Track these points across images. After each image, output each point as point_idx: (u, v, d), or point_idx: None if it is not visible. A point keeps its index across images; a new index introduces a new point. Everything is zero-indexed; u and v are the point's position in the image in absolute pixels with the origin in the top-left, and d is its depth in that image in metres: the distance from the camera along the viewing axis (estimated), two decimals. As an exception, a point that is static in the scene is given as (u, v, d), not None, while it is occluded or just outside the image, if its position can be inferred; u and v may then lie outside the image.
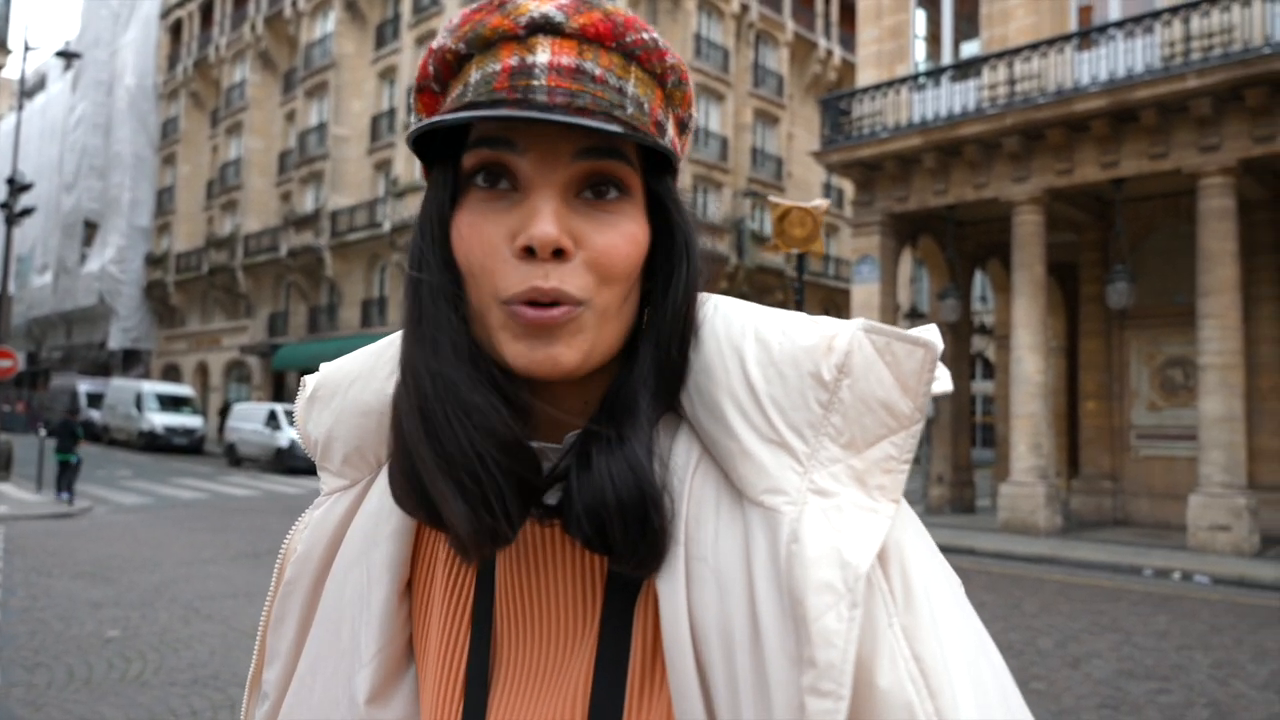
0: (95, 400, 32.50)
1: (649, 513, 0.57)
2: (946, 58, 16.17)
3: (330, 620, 0.68)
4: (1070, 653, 6.69)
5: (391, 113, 30.12)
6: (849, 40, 31.57)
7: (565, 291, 0.57)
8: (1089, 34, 13.49)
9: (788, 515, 0.54)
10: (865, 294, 15.54)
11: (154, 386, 30.55)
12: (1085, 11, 14.86)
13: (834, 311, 28.07)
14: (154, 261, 39.40)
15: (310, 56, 32.79)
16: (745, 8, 30.10)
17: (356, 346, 0.78)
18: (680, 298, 0.62)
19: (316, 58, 32.53)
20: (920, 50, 17.28)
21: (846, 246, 27.37)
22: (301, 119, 32.94)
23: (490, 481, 0.57)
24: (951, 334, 16.39)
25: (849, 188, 18.27)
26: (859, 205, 16.17)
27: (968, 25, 16.58)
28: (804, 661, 0.50)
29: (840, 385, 0.56)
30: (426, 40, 28.07)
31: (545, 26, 0.59)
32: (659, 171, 0.63)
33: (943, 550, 0.62)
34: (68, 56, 29.25)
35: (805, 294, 9.02)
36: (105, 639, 6.37)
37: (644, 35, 0.61)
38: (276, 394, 32.64)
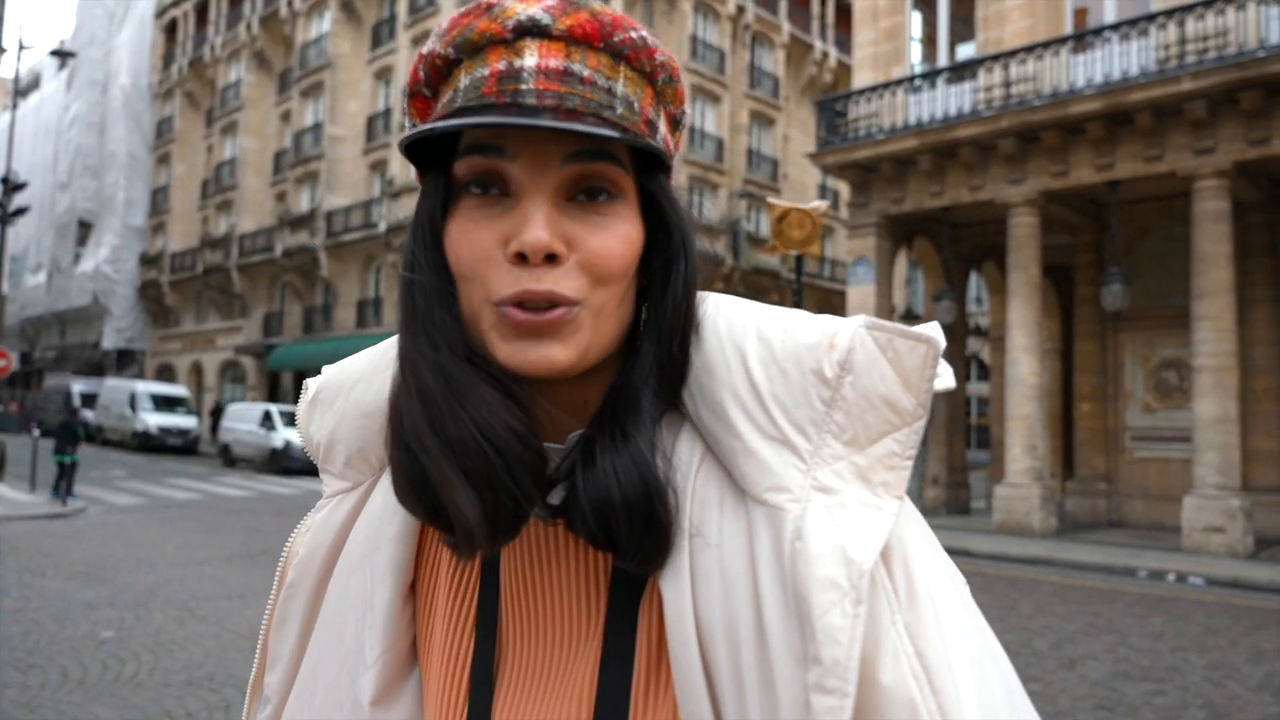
0: (89, 400, 32.40)
1: (655, 508, 0.57)
2: (942, 60, 16.20)
3: (333, 623, 0.68)
4: (1066, 654, 6.70)
5: (387, 113, 30.08)
6: (845, 42, 31.64)
7: (559, 294, 0.57)
8: (1084, 37, 13.53)
9: (791, 513, 0.54)
10: (860, 295, 15.57)
11: (148, 387, 30.45)
12: (1080, 14, 14.90)
13: (830, 313, 28.01)
14: (148, 261, 39.34)
15: (306, 56, 32.75)
16: (741, 9, 30.13)
17: (351, 347, 0.78)
18: (680, 294, 0.62)
19: (312, 58, 32.49)
20: (916, 52, 17.33)
21: (842, 248, 27.43)
22: (297, 119, 32.90)
23: (500, 464, 0.56)
24: (947, 336, 16.35)
25: (844, 189, 18.29)
26: (854, 207, 16.20)
27: (963, 28, 16.61)
28: (809, 659, 0.50)
29: (843, 382, 0.56)
30: (422, 40, 27.87)
31: (532, 29, 0.59)
32: (652, 170, 0.62)
33: (939, 551, 0.62)
34: (62, 55, 29.23)
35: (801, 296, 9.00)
36: (99, 640, 6.35)
37: (632, 34, 0.61)
38: (271, 394, 32.59)
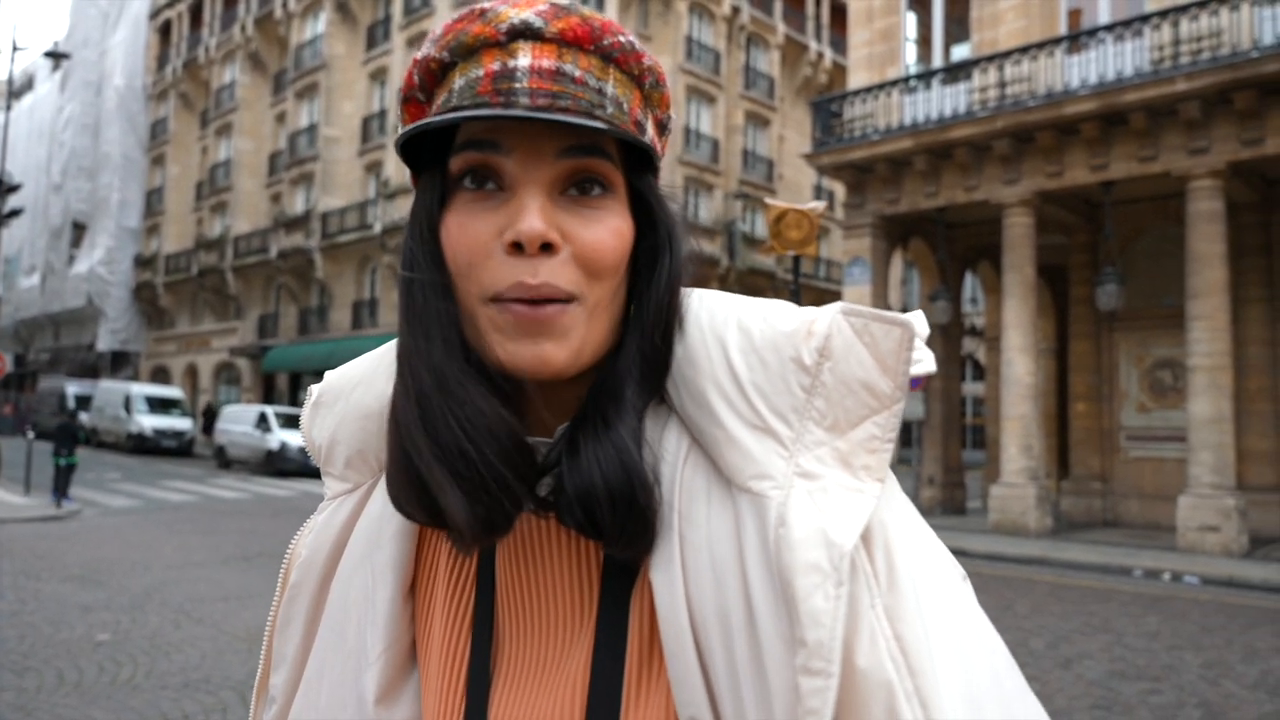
0: (84, 402, 32.30)
1: (635, 493, 0.58)
2: (937, 61, 16.23)
3: (336, 623, 0.69)
4: (1062, 654, 6.72)
5: (382, 114, 30.03)
6: (840, 43, 31.70)
7: (554, 285, 0.58)
8: (1079, 37, 13.56)
9: (775, 499, 0.55)
10: (856, 296, 15.61)
11: (143, 388, 30.36)
12: (1075, 15, 14.95)
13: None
14: (143, 263, 39.24)
15: (301, 57, 32.70)
16: (736, 10, 30.17)
17: (347, 348, 0.78)
18: (664, 287, 0.63)
19: (307, 59, 32.44)
20: (911, 53, 17.37)
21: (837, 248, 27.44)
22: (292, 120, 32.84)
23: (487, 469, 0.58)
24: (942, 336, 16.46)
25: (840, 190, 18.31)
26: (850, 207, 16.23)
27: (958, 28, 16.65)
28: (796, 642, 0.51)
29: (821, 368, 0.57)
30: (417, 41, 28.01)
31: (525, 32, 0.60)
32: (640, 169, 0.64)
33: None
34: (56, 57, 29.16)
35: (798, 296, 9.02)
36: (95, 643, 6.33)
37: (621, 38, 0.62)
38: (266, 396, 32.53)
